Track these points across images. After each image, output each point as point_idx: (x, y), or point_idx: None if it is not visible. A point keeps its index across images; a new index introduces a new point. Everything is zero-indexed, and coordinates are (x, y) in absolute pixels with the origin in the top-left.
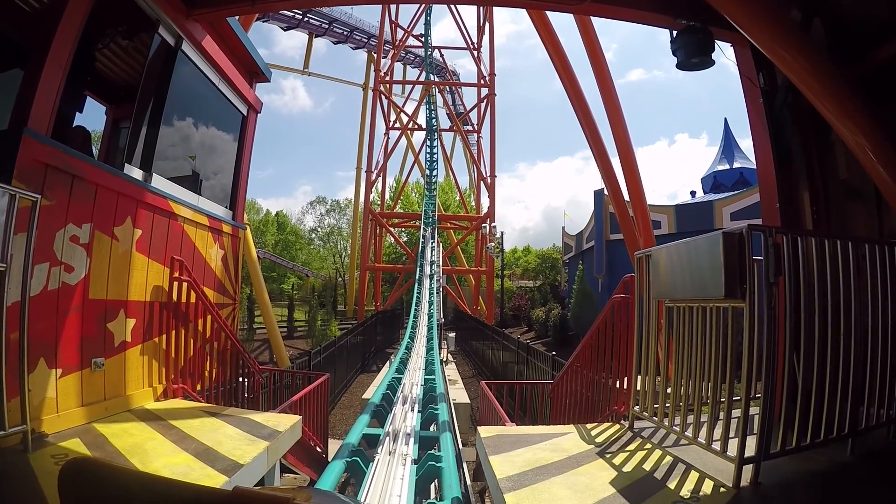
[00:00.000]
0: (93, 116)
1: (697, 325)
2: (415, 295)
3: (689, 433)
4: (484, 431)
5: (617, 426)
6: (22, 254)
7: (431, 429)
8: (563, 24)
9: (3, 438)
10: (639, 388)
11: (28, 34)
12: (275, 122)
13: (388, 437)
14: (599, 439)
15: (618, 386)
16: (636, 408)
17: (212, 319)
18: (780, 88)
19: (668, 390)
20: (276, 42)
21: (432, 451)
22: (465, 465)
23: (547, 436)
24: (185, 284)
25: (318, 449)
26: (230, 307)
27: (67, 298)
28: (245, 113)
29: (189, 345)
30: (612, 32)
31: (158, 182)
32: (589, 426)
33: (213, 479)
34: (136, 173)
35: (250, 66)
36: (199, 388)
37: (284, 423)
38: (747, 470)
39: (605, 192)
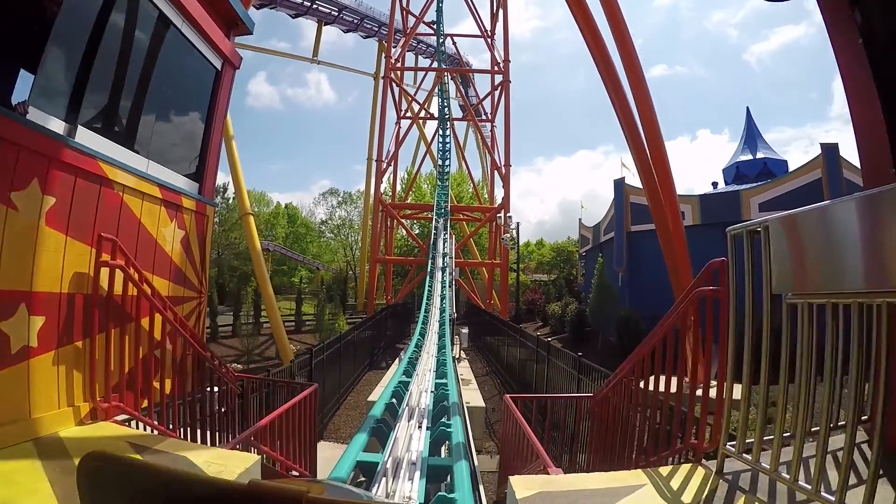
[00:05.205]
0: None
1: (854, 330)
2: (426, 288)
3: (826, 493)
4: (519, 486)
5: (700, 470)
6: None
7: (442, 453)
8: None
9: None
10: (734, 417)
11: None
12: (294, 116)
13: (387, 471)
14: (687, 498)
15: (696, 413)
16: (730, 445)
17: (162, 318)
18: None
19: (786, 424)
20: (305, 36)
21: (443, 493)
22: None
23: (611, 492)
24: (117, 271)
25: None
26: (194, 301)
27: None
28: (219, 67)
29: (130, 351)
30: (637, 27)
31: (85, 136)
32: (663, 471)
33: None
34: (55, 124)
35: (228, 13)
36: (145, 405)
37: (235, 466)
38: None
39: (626, 180)
